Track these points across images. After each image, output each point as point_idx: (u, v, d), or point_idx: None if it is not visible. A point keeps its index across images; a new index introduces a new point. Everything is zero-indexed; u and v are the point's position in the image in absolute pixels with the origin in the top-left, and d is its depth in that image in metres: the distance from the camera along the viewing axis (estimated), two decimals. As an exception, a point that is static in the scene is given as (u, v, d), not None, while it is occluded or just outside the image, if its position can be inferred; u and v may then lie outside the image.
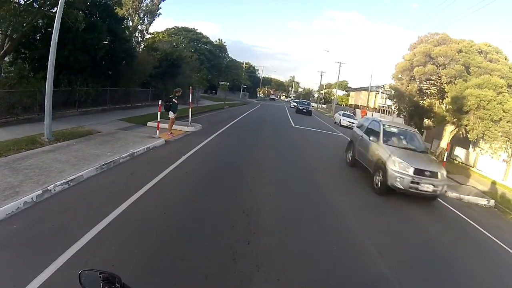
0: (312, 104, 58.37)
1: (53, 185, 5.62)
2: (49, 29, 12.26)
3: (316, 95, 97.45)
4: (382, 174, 8.67)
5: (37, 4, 12.12)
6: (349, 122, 30.15)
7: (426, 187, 8.26)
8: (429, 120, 19.19)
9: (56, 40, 8.97)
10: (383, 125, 10.28)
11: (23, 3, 11.81)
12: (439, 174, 8.52)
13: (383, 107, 43.80)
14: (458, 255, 6.20)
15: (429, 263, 5.48)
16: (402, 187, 8.23)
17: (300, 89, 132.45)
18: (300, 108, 40.49)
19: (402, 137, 10.26)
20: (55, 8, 10.40)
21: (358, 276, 4.58)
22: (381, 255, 5.21)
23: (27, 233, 4.25)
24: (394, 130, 10.47)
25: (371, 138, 9.99)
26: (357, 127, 12.38)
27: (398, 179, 8.23)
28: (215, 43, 61.01)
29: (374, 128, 10.63)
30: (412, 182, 8.17)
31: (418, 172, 8.27)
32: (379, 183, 8.78)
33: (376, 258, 5.12)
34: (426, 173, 8.35)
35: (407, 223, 7.39)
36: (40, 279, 3.38)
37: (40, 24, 13.47)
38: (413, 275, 4.93)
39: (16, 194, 5.02)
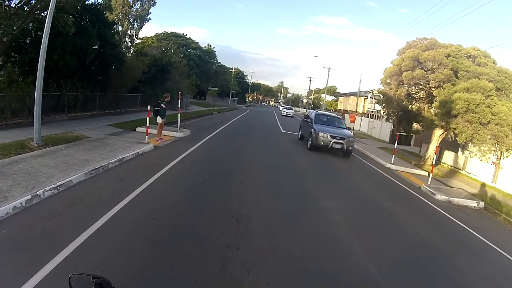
0: (301, 109, 65.89)
1: (42, 190, 5.62)
2: (39, 33, 12.16)
3: (305, 101, 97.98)
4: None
5: (28, 8, 12.07)
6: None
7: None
8: (417, 124, 19.36)
9: (46, 44, 8.98)
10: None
11: (13, 6, 11.75)
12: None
13: (371, 112, 44.23)
14: (448, 256, 6.32)
15: (422, 264, 5.65)
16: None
17: (289, 95, 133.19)
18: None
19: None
20: (46, 12, 10.37)
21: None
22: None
23: (16, 238, 4.25)
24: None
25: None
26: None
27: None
28: (204, 48, 61.00)
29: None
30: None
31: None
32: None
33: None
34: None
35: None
36: (30, 284, 3.38)
37: (30, 27, 13.39)
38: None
39: (5, 199, 5.01)
